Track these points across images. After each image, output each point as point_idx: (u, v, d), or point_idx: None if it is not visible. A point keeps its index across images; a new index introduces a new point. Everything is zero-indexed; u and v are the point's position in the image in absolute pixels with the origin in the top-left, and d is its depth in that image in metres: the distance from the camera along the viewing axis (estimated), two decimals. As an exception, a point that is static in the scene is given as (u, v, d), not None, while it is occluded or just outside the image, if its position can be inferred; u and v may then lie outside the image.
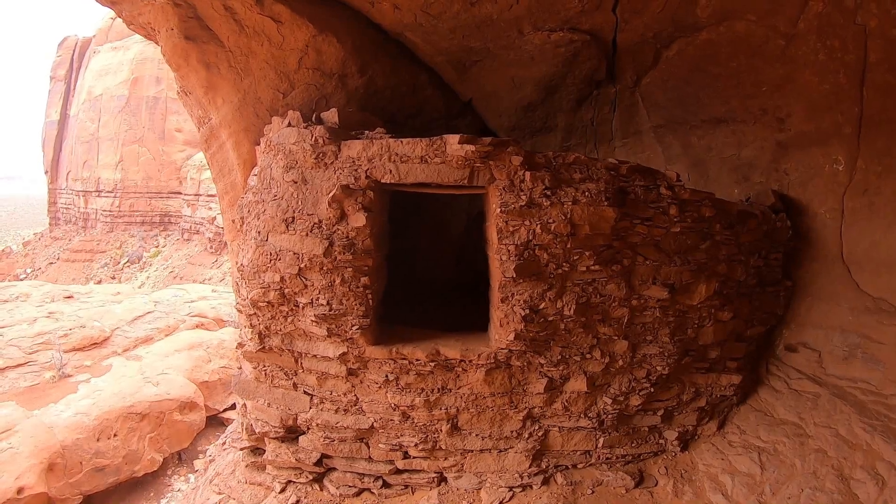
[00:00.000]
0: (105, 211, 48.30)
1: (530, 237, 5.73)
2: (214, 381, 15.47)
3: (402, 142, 5.75)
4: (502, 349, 5.95)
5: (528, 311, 5.79)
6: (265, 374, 6.53)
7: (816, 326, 7.05)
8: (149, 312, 16.66)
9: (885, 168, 5.68)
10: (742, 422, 7.08)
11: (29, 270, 46.19)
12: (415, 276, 8.59)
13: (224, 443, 8.42)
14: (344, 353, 6.00)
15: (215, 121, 7.85)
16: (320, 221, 5.77)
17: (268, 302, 6.06)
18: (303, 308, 5.96)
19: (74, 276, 41.48)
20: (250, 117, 7.61)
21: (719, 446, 6.93)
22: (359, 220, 5.70)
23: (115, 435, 13.37)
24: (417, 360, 5.96)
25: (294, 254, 5.84)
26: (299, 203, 5.90)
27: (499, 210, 5.63)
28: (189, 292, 18.82)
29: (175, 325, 16.10)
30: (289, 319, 6.09)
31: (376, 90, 7.74)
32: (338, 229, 5.73)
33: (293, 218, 5.89)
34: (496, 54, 7.65)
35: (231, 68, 7.47)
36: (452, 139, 5.66)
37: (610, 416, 6.40)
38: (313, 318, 5.84)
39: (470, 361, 6.01)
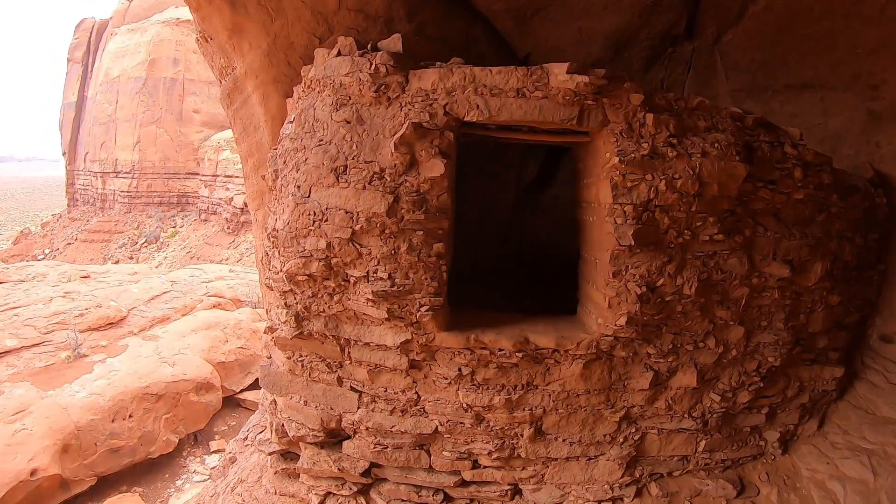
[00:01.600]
0: (122, 192, 42.03)
1: (651, 195, 3.67)
2: (231, 362, 12.91)
3: (491, 71, 3.62)
4: (607, 336, 3.89)
5: (644, 289, 3.73)
6: (302, 365, 4.46)
7: None
8: (166, 292, 14.05)
9: None
10: (842, 420, 5.23)
11: (47, 251, 40.80)
12: (457, 257, 6.56)
13: (246, 437, 6.34)
14: (407, 341, 3.87)
15: (240, 70, 5.66)
16: (382, 171, 3.66)
17: (309, 275, 4.00)
18: (355, 283, 3.82)
19: (92, 257, 36.77)
20: (281, 66, 5.44)
21: (822, 448, 5.07)
22: (435, 168, 3.57)
23: (130, 416, 10.97)
24: (501, 350, 3.85)
25: (346, 212, 3.72)
26: (354, 148, 3.85)
27: (616, 160, 3.57)
28: (206, 272, 16.20)
29: (192, 304, 13.58)
30: (335, 298, 3.94)
31: (426, 40, 5.64)
32: (405, 181, 3.61)
33: (345, 167, 3.81)
34: (564, 1, 5.68)
35: (260, 7, 5.29)
36: (558, 68, 3.62)
37: (715, 416, 4.49)
38: (370, 297, 3.71)
39: (566, 352, 3.92)
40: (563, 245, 6.68)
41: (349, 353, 4.13)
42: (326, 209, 3.82)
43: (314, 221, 3.88)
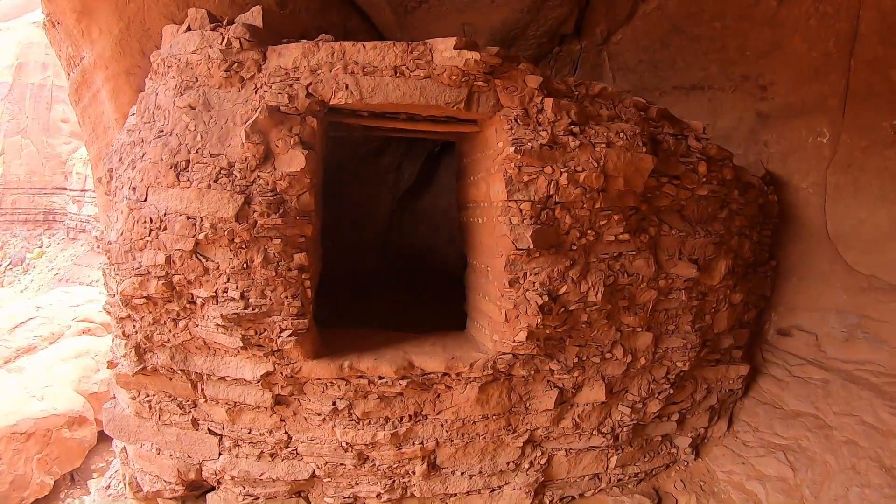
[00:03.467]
0: (-15, 209, 33.55)
1: (551, 191, 3.07)
2: (105, 392, 11.07)
3: (364, 46, 2.88)
4: (504, 354, 3.25)
5: (546, 299, 3.14)
6: (149, 406, 3.52)
7: (809, 308, 5.19)
8: (31, 319, 11.88)
9: (871, 143, 4.30)
10: (751, 417, 4.97)
11: None
12: (331, 268, 5.77)
13: (108, 486, 5.22)
14: (269, 374, 3.06)
15: (89, 60, 4.56)
16: (231, 166, 2.81)
17: (147, 297, 3.08)
18: (202, 306, 2.95)
19: (-50, 283, 31.96)
20: (135, 56, 4.40)
21: (735, 448, 4.75)
22: (294, 161, 2.79)
23: (-2, 459, 9.34)
24: (382, 377, 3.11)
25: (187, 218, 2.84)
26: (198, 139, 2.97)
27: (511, 150, 2.95)
28: (74, 295, 13.86)
29: (60, 331, 11.46)
30: (181, 325, 3.05)
31: (298, 30, 4.98)
32: (259, 178, 2.80)
33: (187, 162, 2.88)
34: (448, -7, 5.16)
35: None
36: (444, 43, 2.87)
37: (626, 429, 3.98)
38: (220, 322, 2.90)
39: (458, 375, 3.23)
40: (444, 253, 6.14)
41: (203, 389, 3.27)
42: (165, 215, 2.98)
43: (151, 230, 3.03)
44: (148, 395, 3.43)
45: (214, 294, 2.94)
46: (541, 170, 3.10)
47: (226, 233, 2.84)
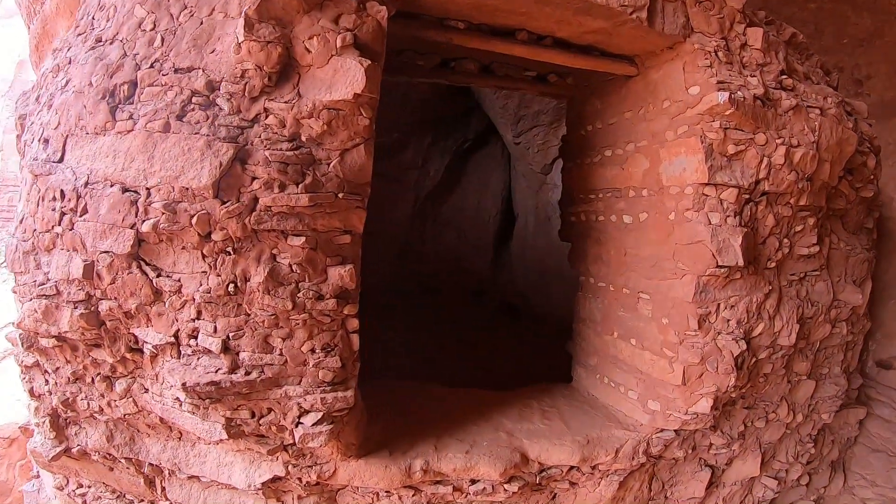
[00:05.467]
0: None
1: (762, 173, 1.45)
2: None
3: None
4: (662, 432, 1.55)
5: (744, 346, 1.46)
6: (84, 502, 1.81)
7: None
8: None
9: None
10: (864, 469, 3.24)
11: None
12: None
13: None
14: (277, 479, 1.29)
15: (51, 5, 2.82)
16: (211, 88, 1.05)
17: (60, 338, 1.43)
18: (154, 358, 1.19)
19: None
20: None
21: None
22: (343, 78, 1.01)
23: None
24: (475, 481, 1.41)
25: (124, 191, 1.06)
26: (156, 44, 1.16)
27: (718, 99, 1.26)
28: None
29: None
30: (120, 387, 1.25)
31: None
32: (267, 111, 1.03)
33: (133, 85, 1.12)
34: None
35: None
36: None
37: None
38: (183, 395, 1.12)
39: (594, 468, 1.61)
40: (471, 261, 4.38)
41: (164, 489, 1.53)
42: (87, 185, 1.24)
43: (62, 214, 1.29)
44: (81, 486, 1.59)
45: (175, 339, 1.15)
46: (752, 137, 1.39)
47: (195, 219, 1.06)
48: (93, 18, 1.42)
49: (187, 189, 1.07)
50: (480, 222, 4.58)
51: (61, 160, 1.28)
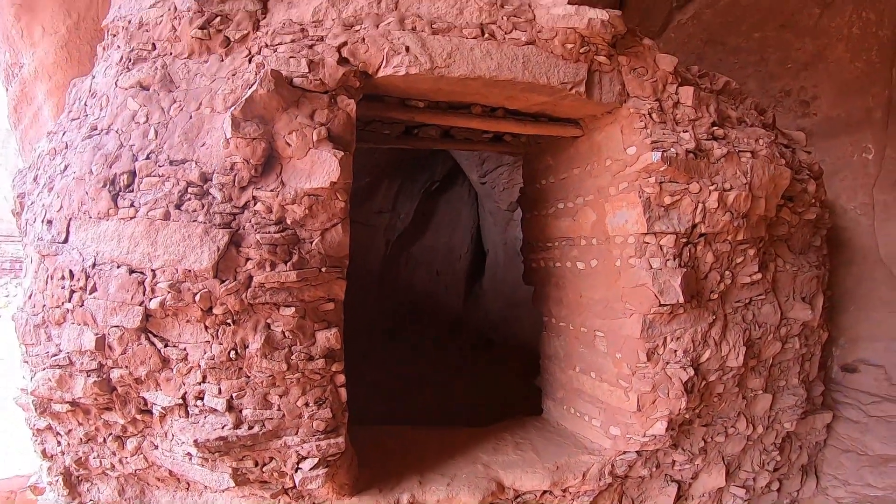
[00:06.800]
0: None
1: (697, 218, 1.69)
2: None
3: None
4: (624, 455, 1.78)
5: (691, 372, 1.69)
6: None
7: (872, 339, 3.81)
8: None
9: None
10: (836, 469, 3.50)
11: None
12: None
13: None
14: None
15: (29, 69, 2.79)
16: (205, 179, 1.26)
17: (73, 403, 1.59)
18: (163, 417, 1.37)
19: None
20: (84, 63, 2.53)
21: None
22: (320, 168, 1.23)
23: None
24: None
25: (131, 272, 1.26)
26: (150, 137, 1.32)
27: (653, 157, 1.51)
28: None
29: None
30: (131, 445, 1.43)
31: None
32: (255, 200, 1.24)
33: (131, 175, 1.31)
34: None
35: None
36: None
37: None
38: (193, 449, 1.33)
39: (565, 492, 1.73)
40: (444, 299, 4.58)
41: None
42: (94, 266, 1.41)
43: (72, 293, 1.45)
44: (91, 536, 1.74)
45: (182, 401, 1.33)
46: (686, 188, 1.63)
47: (197, 297, 1.24)
48: (85, 105, 1.59)
49: (190, 271, 1.25)
50: (452, 260, 4.71)
51: (66, 241, 1.45)
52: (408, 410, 2.25)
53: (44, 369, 1.48)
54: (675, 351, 1.71)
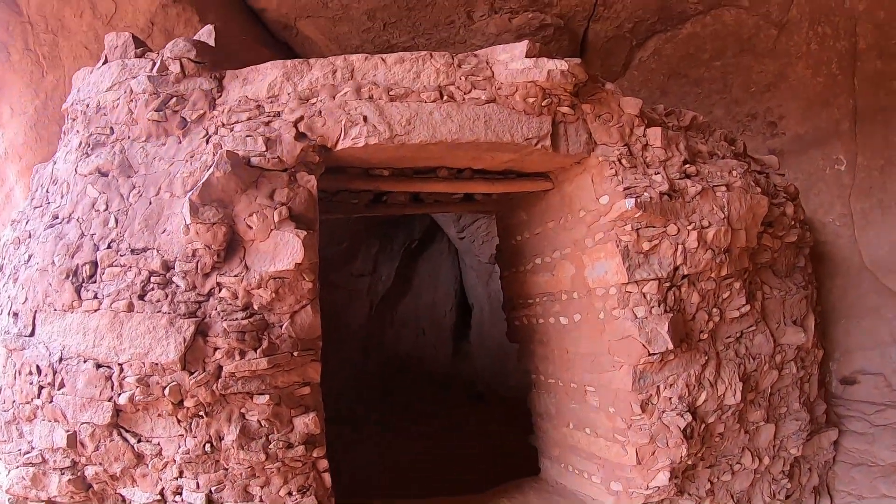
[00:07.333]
0: None
1: (678, 260, 1.70)
2: None
3: (384, 59, 1.38)
4: None
5: (689, 418, 1.67)
6: None
7: (866, 348, 3.81)
8: None
9: (887, 161, 3.36)
10: (849, 485, 3.43)
11: None
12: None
13: None
14: None
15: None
16: (167, 267, 1.25)
17: (50, 502, 1.52)
18: None
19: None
20: (55, 142, 2.69)
21: None
22: (283, 250, 1.21)
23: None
24: None
25: (98, 367, 1.25)
26: (110, 225, 1.38)
27: (626, 205, 1.50)
28: None
29: None
30: None
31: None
32: (220, 286, 1.23)
33: (93, 265, 1.31)
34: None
35: (28, 53, 2.61)
36: (506, 52, 1.43)
37: None
38: None
39: None
40: (433, 356, 4.55)
41: None
42: (61, 360, 1.39)
43: (40, 388, 1.43)
44: None
45: (161, 497, 1.30)
46: (663, 231, 1.62)
47: (167, 390, 1.23)
48: (47, 192, 1.58)
49: (157, 364, 1.24)
50: (438, 317, 4.66)
51: (32, 334, 1.43)
52: (398, 476, 2.21)
53: (17, 467, 1.45)
54: (670, 398, 1.68)
